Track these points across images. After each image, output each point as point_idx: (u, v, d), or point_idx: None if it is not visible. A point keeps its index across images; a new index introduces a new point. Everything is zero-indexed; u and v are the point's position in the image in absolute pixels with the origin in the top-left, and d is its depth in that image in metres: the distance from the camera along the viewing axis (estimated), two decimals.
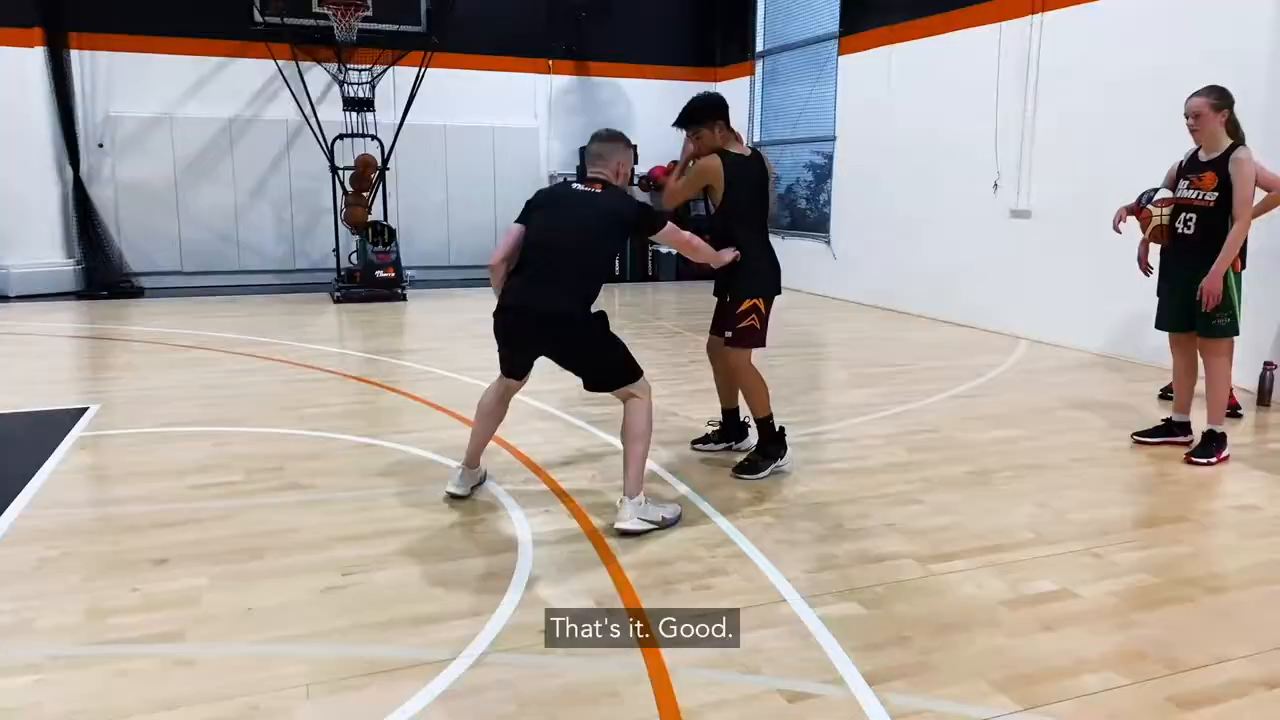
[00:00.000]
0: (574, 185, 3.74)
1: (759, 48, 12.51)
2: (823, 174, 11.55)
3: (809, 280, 11.44)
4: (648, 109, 12.84)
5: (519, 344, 3.70)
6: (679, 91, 13.42)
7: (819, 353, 8.09)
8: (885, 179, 9.98)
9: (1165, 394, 5.97)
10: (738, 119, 12.90)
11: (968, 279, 8.88)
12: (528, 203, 3.79)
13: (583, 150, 12.62)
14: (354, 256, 10.87)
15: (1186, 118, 4.56)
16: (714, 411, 4.83)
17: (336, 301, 10.38)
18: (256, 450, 4.63)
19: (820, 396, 6.30)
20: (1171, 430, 4.89)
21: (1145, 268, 5.25)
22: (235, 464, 4.40)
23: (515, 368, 3.81)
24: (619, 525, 3.52)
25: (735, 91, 13.03)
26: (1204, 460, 4.54)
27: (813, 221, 11.86)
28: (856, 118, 10.55)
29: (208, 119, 11.27)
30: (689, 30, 13.39)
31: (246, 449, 4.66)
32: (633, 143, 3.90)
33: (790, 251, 12.16)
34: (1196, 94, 4.52)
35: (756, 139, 12.74)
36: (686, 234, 3.88)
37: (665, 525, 3.58)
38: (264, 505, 3.86)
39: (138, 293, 10.94)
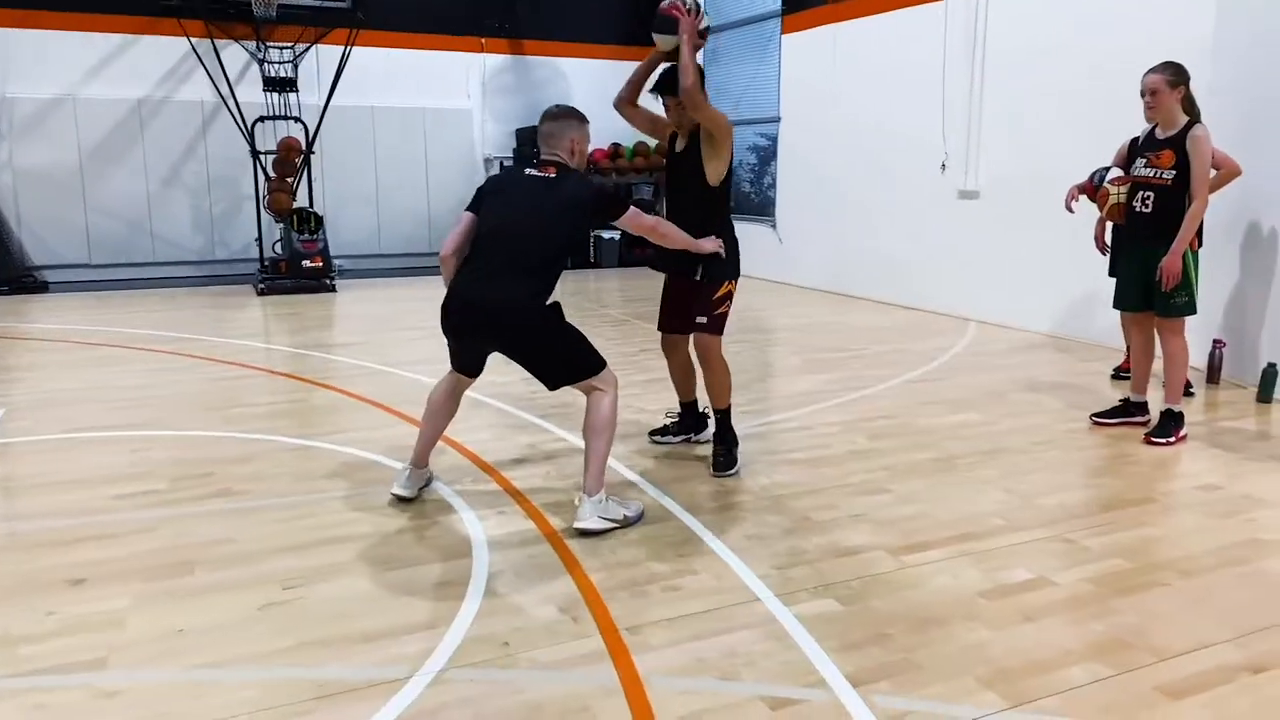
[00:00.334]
0: (527, 171, 3.54)
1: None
2: (766, 156, 11.54)
3: (754, 265, 11.35)
4: (586, 88, 12.63)
5: (468, 339, 3.54)
6: (619, 71, 13.21)
7: (768, 339, 8.06)
8: (830, 161, 10.00)
9: (1117, 374, 6.08)
10: None
11: (916, 261, 8.95)
12: (479, 189, 3.62)
13: (519, 133, 12.42)
14: (278, 246, 10.52)
15: (1142, 95, 4.60)
16: (668, 402, 4.75)
17: (261, 294, 10.03)
18: (180, 455, 4.40)
19: (773, 384, 6.26)
20: (1129, 411, 4.96)
21: (1102, 246, 5.32)
22: (157, 471, 4.16)
23: (466, 363, 3.64)
24: (578, 524, 3.40)
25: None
26: (1163, 440, 4.60)
27: (757, 205, 11.84)
28: (800, 98, 10.55)
29: (115, 100, 10.76)
30: (628, 7, 13.22)
31: (169, 454, 4.42)
32: (586, 120, 3.66)
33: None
34: (1152, 70, 4.55)
35: None
36: (652, 218, 3.70)
37: (627, 524, 3.48)
38: (192, 515, 3.64)
39: (41, 288, 10.41)
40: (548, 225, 3.42)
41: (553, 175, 3.49)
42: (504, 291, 3.34)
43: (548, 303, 3.44)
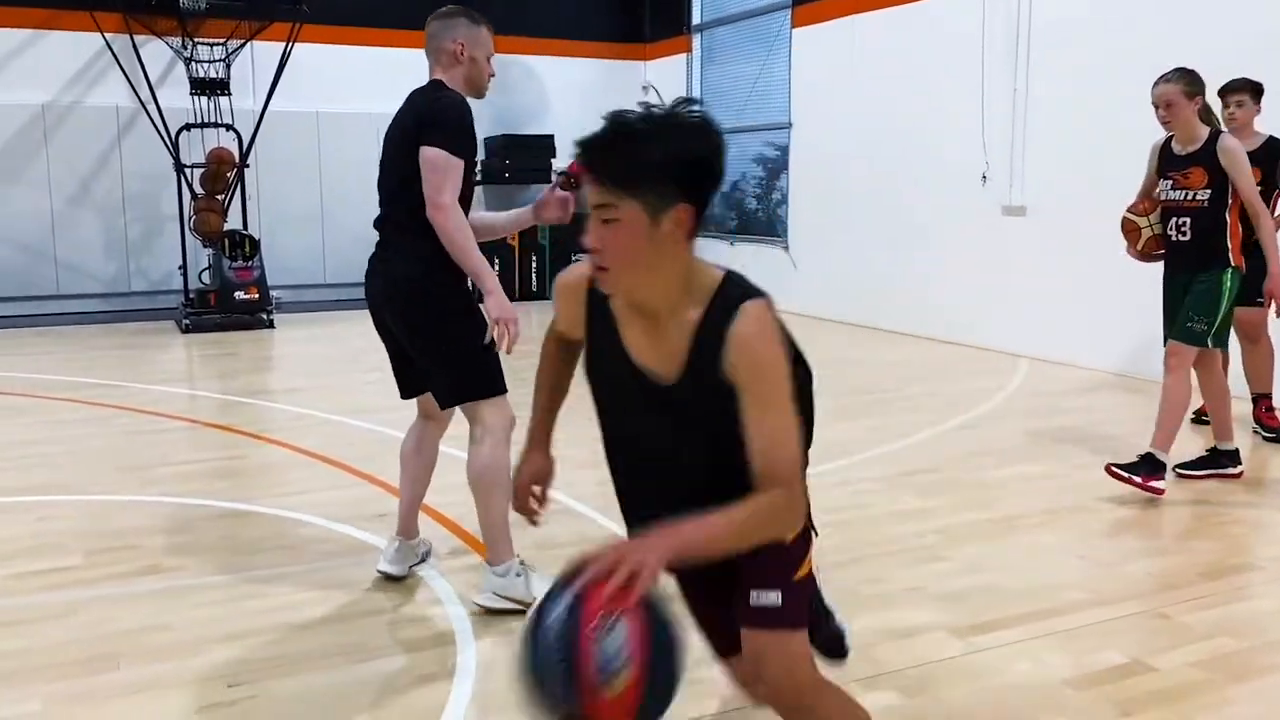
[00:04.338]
0: None
1: (696, 20, 12.56)
2: (776, 167, 11.61)
3: None
4: (566, 92, 12.74)
5: (378, 325, 3.48)
6: (602, 71, 13.42)
7: None
8: (852, 172, 10.06)
9: (1199, 418, 6.06)
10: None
11: (954, 288, 8.97)
12: None
13: (488, 141, 12.45)
14: (206, 274, 10.44)
15: (1156, 108, 4.67)
16: None
17: (185, 331, 9.94)
18: (96, 525, 4.29)
19: None
20: (1217, 460, 4.94)
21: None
22: (70, 543, 4.05)
23: (404, 381, 3.53)
24: (475, 599, 3.38)
25: (669, 72, 13.07)
26: (1126, 474, 4.55)
27: (764, 224, 11.90)
28: (815, 100, 10.63)
29: (13, 106, 10.70)
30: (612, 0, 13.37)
31: (83, 523, 4.31)
32: (483, 21, 3.41)
33: (740, 259, 12.21)
34: (1164, 80, 4.62)
35: None
36: (456, 213, 3.15)
37: None
38: (113, 597, 3.53)
39: None
40: (399, 168, 3.25)
41: (410, 95, 3.35)
42: (386, 261, 3.34)
43: (447, 284, 3.25)
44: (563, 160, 12.05)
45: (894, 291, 9.61)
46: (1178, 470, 4.97)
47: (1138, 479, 4.53)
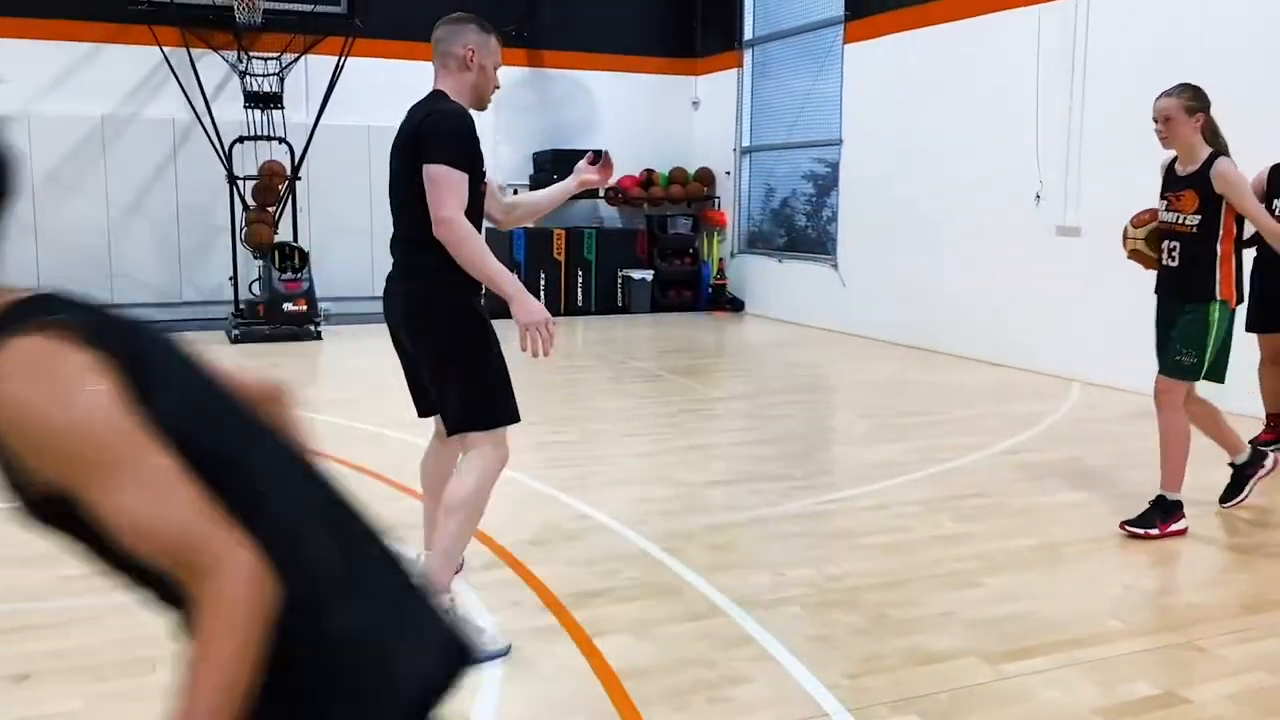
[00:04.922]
0: None
1: (748, 35, 12.65)
2: (826, 185, 11.64)
3: (812, 313, 11.44)
4: (615, 107, 12.89)
5: (396, 344, 3.50)
6: (652, 87, 13.55)
7: (831, 399, 8.04)
8: (903, 190, 10.06)
9: (1255, 446, 5.99)
10: (722, 119, 13.10)
11: (1005, 310, 8.92)
12: None
13: (536, 156, 12.64)
14: (256, 286, 10.69)
15: (1154, 122, 4.47)
16: (713, 471, 4.73)
17: (235, 341, 10.18)
18: None
19: (839, 454, 6.23)
20: (1245, 473, 4.88)
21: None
22: None
23: (414, 393, 3.56)
24: None
25: (719, 87, 13.17)
26: (1142, 530, 4.43)
27: (814, 242, 11.92)
28: (867, 118, 10.66)
29: (74, 117, 11.07)
30: (663, 14, 13.50)
31: None
32: (492, 30, 3.41)
33: (789, 278, 12.28)
34: (1165, 94, 4.44)
35: (745, 143, 12.85)
36: (464, 221, 3.13)
37: None
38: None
39: None
40: (403, 182, 3.25)
41: (410, 109, 3.31)
42: (400, 282, 3.33)
43: (457, 301, 3.22)
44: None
45: (944, 312, 9.58)
46: (1223, 504, 4.93)
47: (1155, 530, 4.44)
